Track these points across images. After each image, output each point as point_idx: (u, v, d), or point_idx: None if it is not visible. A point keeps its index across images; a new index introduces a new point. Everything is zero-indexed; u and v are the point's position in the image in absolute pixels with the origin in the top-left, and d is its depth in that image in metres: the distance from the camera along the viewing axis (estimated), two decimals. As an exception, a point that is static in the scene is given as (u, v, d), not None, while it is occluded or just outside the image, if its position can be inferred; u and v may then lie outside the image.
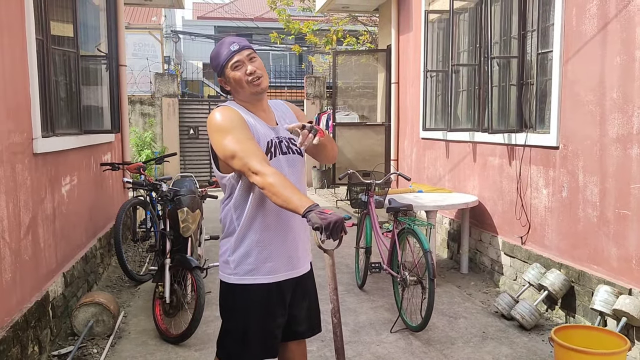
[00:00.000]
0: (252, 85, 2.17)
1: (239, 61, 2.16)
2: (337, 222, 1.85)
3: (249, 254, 2.18)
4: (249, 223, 2.17)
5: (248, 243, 2.18)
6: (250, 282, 2.18)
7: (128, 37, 11.06)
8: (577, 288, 4.06)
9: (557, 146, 4.32)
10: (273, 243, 2.19)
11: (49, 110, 3.88)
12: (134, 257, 6.15)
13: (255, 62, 2.19)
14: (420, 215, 6.55)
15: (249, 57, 2.18)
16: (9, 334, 2.98)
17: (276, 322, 2.24)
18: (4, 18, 3.18)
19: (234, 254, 2.20)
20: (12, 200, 3.18)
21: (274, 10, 15.05)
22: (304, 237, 2.30)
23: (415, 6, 7.16)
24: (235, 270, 2.20)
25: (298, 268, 2.27)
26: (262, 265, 2.18)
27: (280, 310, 2.24)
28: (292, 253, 2.24)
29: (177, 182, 4.85)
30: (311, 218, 1.86)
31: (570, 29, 4.17)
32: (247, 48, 2.18)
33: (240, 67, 2.16)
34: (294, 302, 2.31)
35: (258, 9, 26.77)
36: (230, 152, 2.05)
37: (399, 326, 4.15)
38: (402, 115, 7.90)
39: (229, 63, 2.16)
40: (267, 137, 2.19)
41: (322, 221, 1.84)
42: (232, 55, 2.16)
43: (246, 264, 2.18)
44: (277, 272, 2.20)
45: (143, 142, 11.29)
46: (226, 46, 2.18)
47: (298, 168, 2.28)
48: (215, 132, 2.11)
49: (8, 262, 3.10)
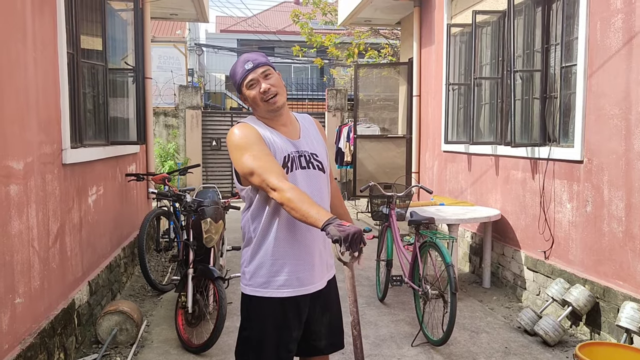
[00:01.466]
0: (267, 104, 2.18)
1: (253, 79, 2.17)
2: (356, 234, 1.85)
3: (262, 266, 2.19)
4: (264, 235, 2.19)
5: (261, 255, 2.20)
6: (262, 295, 2.19)
7: (153, 50, 11.27)
8: (602, 304, 4.00)
9: (581, 160, 4.28)
10: (286, 257, 2.18)
11: (77, 122, 3.98)
12: (156, 266, 6.23)
13: (271, 79, 2.19)
14: (442, 228, 6.52)
15: (263, 74, 2.18)
16: (37, 340, 3.04)
17: (291, 336, 2.23)
18: (37, 33, 3.28)
19: (249, 264, 2.23)
20: (41, 209, 3.26)
21: (296, 24, 15.23)
22: (323, 252, 2.28)
23: (438, 20, 7.18)
24: (250, 282, 2.22)
25: (312, 284, 2.24)
26: (274, 279, 2.18)
27: (295, 324, 2.23)
28: (306, 269, 2.21)
29: (200, 193, 4.91)
30: (330, 231, 1.86)
31: (594, 43, 4.15)
32: (262, 65, 2.19)
33: (255, 86, 2.18)
34: (312, 318, 2.29)
35: (280, 22, 27.08)
36: (248, 169, 2.08)
37: (420, 340, 4.13)
38: (423, 128, 7.90)
39: (244, 82, 2.18)
40: (285, 151, 2.19)
41: (340, 233, 1.84)
42: (246, 74, 2.18)
43: (259, 276, 2.20)
44: (289, 287, 2.19)
45: (166, 153, 11.45)
46: (241, 65, 2.20)
47: (318, 183, 2.26)
48: (233, 150, 2.15)
49: (37, 270, 3.17)
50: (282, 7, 29.75)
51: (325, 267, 2.32)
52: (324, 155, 2.32)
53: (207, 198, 4.58)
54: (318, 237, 2.23)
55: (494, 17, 5.80)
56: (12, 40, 2.92)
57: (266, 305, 2.19)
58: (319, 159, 2.27)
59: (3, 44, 2.80)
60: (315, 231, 2.20)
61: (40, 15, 3.36)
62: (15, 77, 2.95)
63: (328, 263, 2.35)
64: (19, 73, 3.00)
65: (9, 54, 2.88)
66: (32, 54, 3.18)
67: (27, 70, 3.11)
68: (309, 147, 2.27)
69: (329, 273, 2.37)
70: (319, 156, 2.28)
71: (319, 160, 2.27)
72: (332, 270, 2.41)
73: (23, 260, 2.98)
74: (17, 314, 2.89)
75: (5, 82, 2.82)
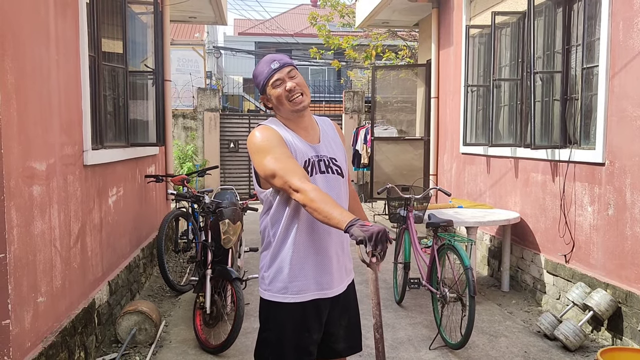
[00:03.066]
0: (292, 103, 2.18)
1: (280, 79, 2.18)
2: (380, 233, 1.84)
3: (281, 271, 2.19)
4: (283, 239, 2.19)
5: (280, 260, 2.19)
6: (282, 301, 2.19)
7: (172, 53, 11.36)
8: (624, 309, 3.93)
9: (602, 162, 4.22)
10: (304, 262, 2.18)
11: (98, 124, 4.04)
12: (175, 267, 6.28)
13: (296, 78, 2.20)
14: (460, 231, 6.47)
15: (289, 74, 2.19)
16: (58, 339, 3.09)
17: (311, 338, 2.22)
18: (60, 36, 3.34)
19: (268, 269, 2.23)
20: (63, 210, 3.31)
21: (314, 26, 15.25)
22: (342, 256, 2.28)
23: (456, 21, 7.14)
24: (269, 287, 2.22)
25: (331, 288, 2.23)
26: (292, 284, 2.18)
27: (315, 326, 2.23)
28: (325, 273, 2.21)
29: (218, 195, 4.94)
30: (353, 232, 1.85)
31: (617, 43, 4.09)
32: (288, 65, 2.20)
33: (281, 85, 2.18)
34: (331, 320, 2.28)
35: (298, 24, 27.15)
36: (270, 172, 2.07)
37: (438, 343, 4.10)
38: (441, 130, 7.85)
39: (270, 81, 2.19)
40: (306, 155, 2.20)
41: (364, 233, 1.83)
42: (272, 74, 2.18)
43: (278, 281, 2.19)
44: (307, 291, 2.18)
45: (185, 155, 11.54)
46: (267, 64, 2.20)
47: (338, 188, 2.25)
48: (255, 152, 2.15)
49: (58, 270, 3.22)
50: (299, 9, 29.83)
51: (344, 271, 2.31)
52: (342, 159, 2.32)
53: (225, 199, 4.60)
54: (336, 241, 2.22)
55: (513, 18, 5.75)
56: (35, 43, 2.97)
57: (285, 309, 2.19)
58: (338, 164, 2.27)
59: (27, 47, 2.85)
60: (333, 235, 2.20)
61: (63, 19, 3.41)
62: (39, 80, 3.00)
63: (347, 267, 2.34)
64: (42, 76, 3.06)
65: (33, 57, 2.93)
66: (54, 56, 3.24)
67: (49, 72, 3.16)
68: (328, 151, 2.27)
69: (348, 277, 2.36)
70: (338, 160, 2.28)
71: (337, 164, 2.27)
72: (351, 274, 2.40)
73: (45, 260, 3.03)
74: (40, 313, 2.94)
75: (29, 85, 2.87)
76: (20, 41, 2.76)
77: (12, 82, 2.64)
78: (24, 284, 2.74)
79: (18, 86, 2.72)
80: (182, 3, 7.77)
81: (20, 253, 2.71)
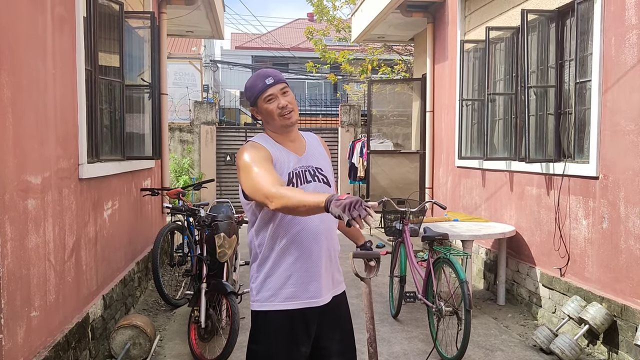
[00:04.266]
0: (283, 119, 2.24)
1: (273, 95, 2.23)
2: (353, 202, 1.78)
3: (269, 280, 2.20)
4: (269, 249, 2.21)
5: (268, 268, 2.21)
6: (269, 309, 2.19)
7: (169, 67, 11.43)
8: (619, 323, 3.93)
9: (596, 176, 4.24)
10: (292, 269, 2.19)
11: (94, 137, 4.04)
12: (170, 281, 6.25)
13: (288, 96, 2.26)
14: (456, 244, 6.47)
15: (282, 91, 2.25)
16: (51, 354, 3.06)
17: (299, 351, 2.22)
18: (57, 50, 3.36)
19: (255, 280, 2.24)
20: (58, 223, 3.30)
21: (310, 41, 15.37)
22: (330, 265, 2.28)
23: (451, 36, 7.20)
24: (257, 298, 2.23)
25: (320, 297, 2.23)
26: (280, 291, 2.19)
27: (304, 339, 2.22)
28: (313, 281, 2.21)
29: (214, 208, 4.94)
30: (332, 210, 1.82)
31: (609, 58, 4.13)
32: (281, 82, 2.26)
33: (273, 101, 2.23)
34: (322, 334, 2.28)
35: (294, 39, 27.33)
36: (250, 188, 2.10)
37: (434, 357, 4.08)
38: (437, 144, 7.89)
39: (263, 95, 2.24)
40: (291, 167, 2.24)
41: (338, 208, 1.79)
42: (266, 88, 2.23)
43: (266, 290, 2.20)
44: (297, 298, 2.19)
45: (181, 168, 11.54)
46: (261, 79, 2.25)
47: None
48: (241, 170, 2.19)
49: (52, 284, 3.20)
50: (296, 24, 30.05)
51: (331, 280, 2.30)
52: (328, 170, 2.37)
53: (221, 213, 4.61)
54: (324, 250, 2.23)
55: (507, 33, 5.81)
56: (32, 57, 2.99)
57: (274, 319, 2.19)
58: (324, 173, 2.32)
59: (24, 61, 2.87)
60: (320, 244, 2.21)
61: (60, 33, 3.43)
62: (35, 94, 3.01)
63: (335, 278, 2.33)
64: (39, 89, 3.07)
65: (30, 71, 2.94)
66: (51, 70, 3.25)
67: (46, 86, 3.17)
68: (314, 161, 2.32)
69: (336, 288, 2.34)
70: (324, 170, 2.33)
71: (323, 174, 2.32)
72: (341, 286, 2.39)
73: (39, 274, 3.01)
74: (33, 327, 2.92)
75: (25, 99, 2.87)
76: (16, 55, 2.78)
77: (8, 96, 2.65)
78: (17, 298, 2.73)
79: (14, 100, 2.73)
80: (179, 17, 7.83)
81: (13, 267, 2.70)
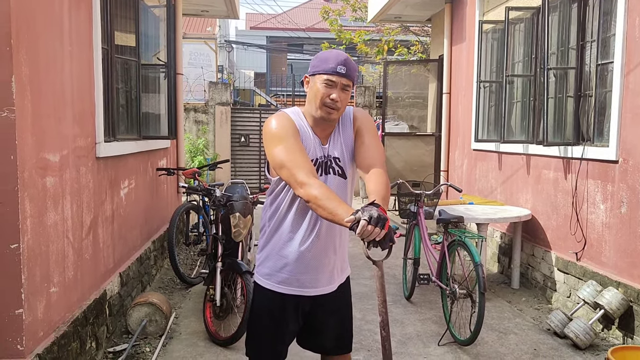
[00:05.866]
0: (325, 110, 2.12)
1: (334, 82, 2.10)
2: (379, 236, 1.83)
3: (269, 259, 2.25)
4: (276, 228, 2.22)
5: (270, 248, 2.25)
6: (265, 286, 2.25)
7: (184, 47, 11.40)
8: (636, 308, 3.90)
9: (616, 160, 4.18)
10: (290, 257, 2.20)
11: (111, 117, 4.06)
12: (185, 260, 6.31)
13: (344, 93, 2.13)
14: (471, 227, 6.44)
15: (344, 85, 2.12)
16: (70, 329, 3.12)
17: (288, 327, 2.27)
18: (74, 29, 3.36)
19: (261, 252, 2.30)
20: (75, 201, 3.34)
21: (326, 21, 15.21)
22: (334, 257, 2.27)
23: (469, 16, 7.09)
24: (258, 269, 2.29)
25: (314, 287, 2.24)
26: (276, 274, 2.23)
27: (293, 317, 2.27)
28: (309, 272, 2.21)
29: (229, 188, 4.96)
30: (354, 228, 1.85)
31: (632, 39, 4.04)
32: (350, 78, 2.12)
33: (330, 87, 2.11)
34: (318, 318, 2.31)
35: (310, 19, 27.08)
36: (279, 162, 2.05)
37: (447, 339, 4.10)
38: (453, 126, 7.81)
39: (325, 76, 2.10)
40: (315, 154, 2.18)
41: (363, 238, 1.84)
42: (333, 73, 2.10)
43: (265, 267, 2.26)
44: (290, 285, 2.22)
45: (196, 149, 11.58)
46: (335, 61, 2.11)
47: (341, 190, 2.22)
48: (268, 139, 2.13)
49: (71, 261, 3.25)
50: (311, 4, 29.75)
51: (336, 272, 2.31)
52: (347, 158, 2.24)
53: (236, 193, 4.62)
54: (328, 242, 2.23)
55: (527, 13, 5.70)
56: (49, 36, 2.99)
57: (268, 294, 2.25)
58: (341, 164, 2.23)
59: (41, 39, 2.87)
60: (326, 236, 2.21)
61: (77, 11, 3.43)
62: (52, 72, 3.02)
63: (340, 267, 2.33)
64: (56, 68, 3.08)
65: (47, 49, 2.95)
66: (68, 49, 3.26)
67: (63, 65, 3.18)
68: (334, 150, 2.23)
69: (341, 277, 2.35)
70: (341, 160, 2.23)
71: (340, 165, 2.22)
72: (345, 272, 2.39)
73: (58, 251, 3.06)
74: (52, 303, 2.97)
75: (43, 77, 2.89)
76: (34, 34, 2.78)
77: (26, 74, 2.67)
78: (37, 274, 2.77)
79: (32, 78, 2.74)
80: (194, -3, 7.78)
81: (33, 243, 2.74)
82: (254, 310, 2.32)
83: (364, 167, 2.16)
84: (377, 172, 2.12)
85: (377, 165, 2.15)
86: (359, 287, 5.30)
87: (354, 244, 2.40)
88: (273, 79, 24.19)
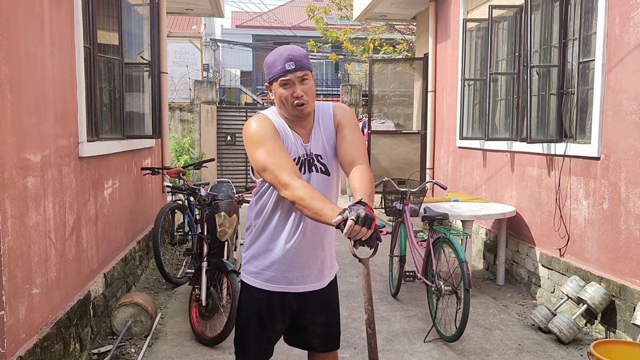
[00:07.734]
0: (295, 109, 2.12)
1: (290, 80, 2.09)
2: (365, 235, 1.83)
3: (256, 257, 2.25)
4: (262, 228, 2.22)
5: (257, 246, 2.25)
6: (251, 284, 2.25)
7: (169, 45, 11.33)
8: (618, 302, 3.95)
9: (598, 157, 4.23)
10: (276, 255, 2.20)
11: (94, 116, 4.02)
12: (171, 260, 6.28)
13: (306, 85, 2.12)
14: (456, 224, 6.48)
15: (301, 78, 2.10)
16: (53, 330, 3.09)
17: (274, 327, 2.27)
18: (55, 27, 3.32)
19: (247, 250, 2.29)
20: (58, 202, 3.30)
21: (311, 19, 15.20)
22: (322, 254, 2.28)
23: (454, 15, 7.12)
24: (245, 267, 2.29)
25: (301, 284, 2.25)
26: (263, 272, 2.23)
27: (280, 316, 2.27)
28: (296, 270, 2.22)
29: (214, 187, 4.93)
30: (341, 227, 1.85)
31: (613, 38, 4.09)
32: (303, 69, 2.11)
33: (289, 87, 2.10)
34: (305, 316, 2.30)
35: (296, 17, 27.06)
36: (261, 165, 2.04)
37: (433, 336, 4.12)
38: (438, 124, 7.85)
39: (280, 79, 2.10)
40: (297, 153, 2.17)
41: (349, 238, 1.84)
42: (284, 73, 2.09)
43: (252, 265, 2.26)
44: (277, 283, 2.22)
45: (182, 148, 11.52)
46: (282, 61, 2.10)
47: (325, 187, 2.21)
48: (249, 143, 2.12)
49: (53, 261, 3.22)
50: (297, 2, 29.71)
51: (325, 269, 2.32)
52: (330, 155, 2.23)
53: (221, 192, 4.60)
54: (316, 241, 2.23)
55: (510, 11, 5.74)
56: (30, 34, 2.95)
57: (255, 292, 2.25)
58: (323, 161, 2.21)
59: (21, 37, 2.84)
60: (314, 234, 2.21)
61: (58, 10, 3.39)
62: (33, 71, 2.99)
63: (328, 264, 2.34)
64: (37, 67, 3.04)
65: (27, 48, 2.91)
66: (49, 47, 3.22)
67: (44, 63, 3.14)
68: (316, 148, 2.21)
69: (330, 274, 2.36)
70: (324, 157, 2.22)
71: (322, 162, 2.21)
72: (333, 269, 2.40)
73: (40, 252, 3.02)
74: (34, 304, 2.94)
75: (23, 76, 2.85)
76: (14, 32, 2.75)
77: (5, 73, 2.63)
78: (18, 275, 2.74)
79: (12, 77, 2.70)
80: (178, -5, 7.73)
81: (14, 244, 2.70)
82: (241, 309, 2.32)
83: (346, 162, 2.15)
84: (361, 169, 2.10)
85: (359, 159, 2.13)
86: (345, 284, 5.31)
87: (340, 242, 2.40)
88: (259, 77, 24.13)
